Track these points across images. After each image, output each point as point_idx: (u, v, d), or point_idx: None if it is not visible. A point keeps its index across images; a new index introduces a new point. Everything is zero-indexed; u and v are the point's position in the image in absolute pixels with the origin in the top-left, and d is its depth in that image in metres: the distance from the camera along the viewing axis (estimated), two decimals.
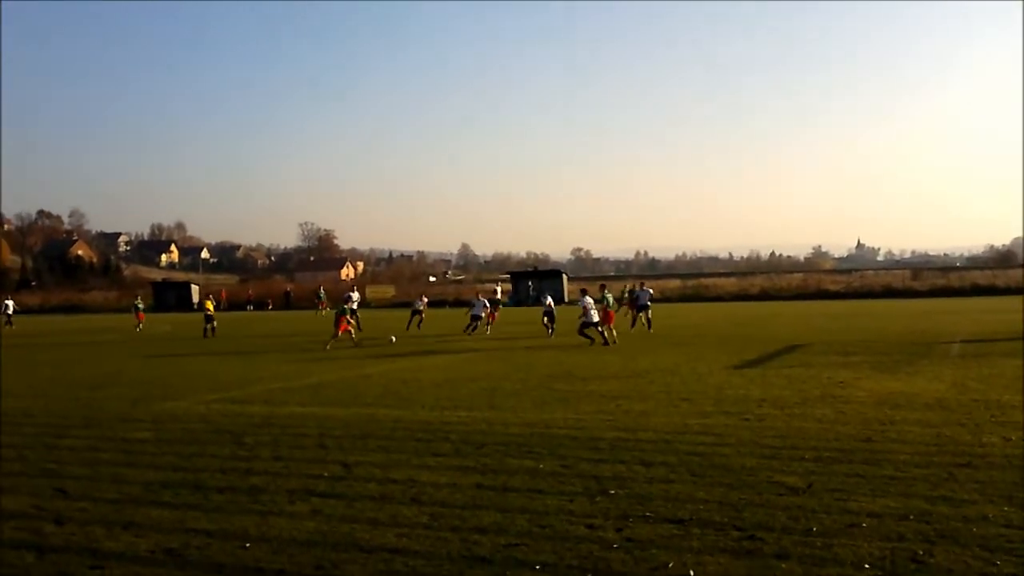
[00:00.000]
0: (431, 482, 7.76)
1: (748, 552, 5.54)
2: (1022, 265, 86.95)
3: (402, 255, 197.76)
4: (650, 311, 29.76)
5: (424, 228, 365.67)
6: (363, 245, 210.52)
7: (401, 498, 7.21)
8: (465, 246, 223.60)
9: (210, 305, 34.89)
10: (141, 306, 43.02)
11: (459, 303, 61.21)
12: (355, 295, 34.44)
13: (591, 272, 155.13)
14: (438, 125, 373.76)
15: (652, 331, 28.54)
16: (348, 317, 26.48)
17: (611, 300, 26.25)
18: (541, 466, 8.32)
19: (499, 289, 52.55)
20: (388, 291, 75.68)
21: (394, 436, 10.25)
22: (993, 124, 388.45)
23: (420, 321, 33.87)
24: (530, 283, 65.14)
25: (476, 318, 29.96)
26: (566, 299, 59.75)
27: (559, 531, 6.13)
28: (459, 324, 32.22)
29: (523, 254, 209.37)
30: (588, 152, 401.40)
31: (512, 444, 9.48)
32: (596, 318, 24.08)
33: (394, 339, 27.20)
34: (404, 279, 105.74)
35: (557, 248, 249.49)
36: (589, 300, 24.67)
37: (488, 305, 30.78)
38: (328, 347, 24.75)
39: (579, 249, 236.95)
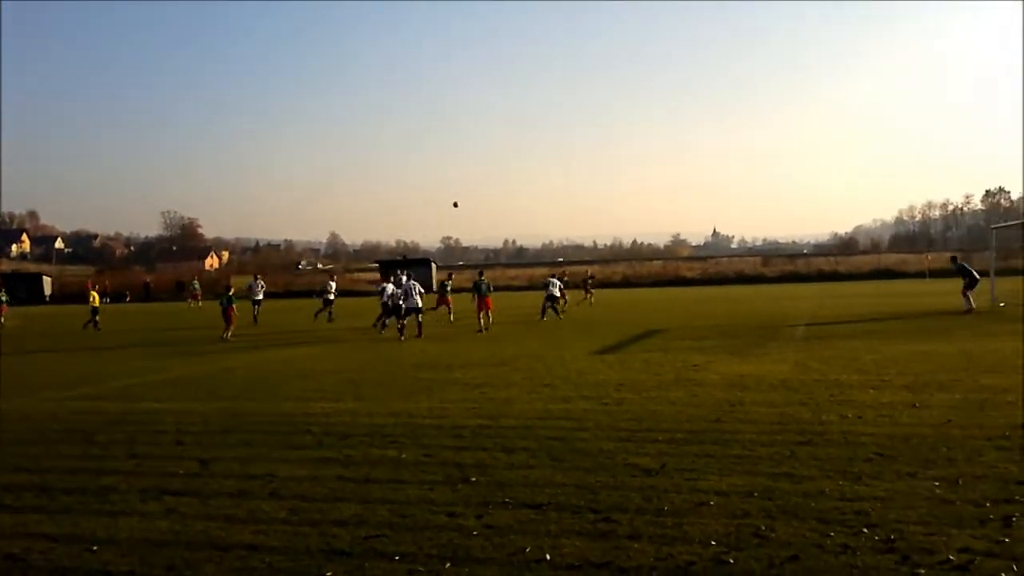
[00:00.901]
0: (291, 476, 7.66)
1: (603, 534, 5.72)
2: (862, 252, 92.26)
3: (269, 244, 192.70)
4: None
5: (291, 217, 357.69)
6: (229, 234, 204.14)
7: (259, 493, 7.09)
8: (334, 235, 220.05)
9: (95, 297, 33.08)
10: (4, 299, 39.21)
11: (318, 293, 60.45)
12: (333, 284, 34.13)
13: (461, 260, 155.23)
14: (303, 112, 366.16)
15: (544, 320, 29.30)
16: (234, 307, 25.75)
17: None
18: (404, 456, 8.34)
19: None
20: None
21: (255, 430, 10.04)
22: (837, 121, 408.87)
23: (330, 313, 32.42)
24: (399, 272, 64.59)
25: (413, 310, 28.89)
26: (434, 288, 59.88)
27: (420, 520, 6.17)
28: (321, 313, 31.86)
29: (392, 243, 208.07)
30: (457, 142, 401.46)
31: (376, 435, 9.45)
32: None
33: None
34: (271, 268, 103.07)
35: (427, 237, 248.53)
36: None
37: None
38: (228, 336, 24.53)
39: (448, 238, 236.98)
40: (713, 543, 5.45)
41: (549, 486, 6.99)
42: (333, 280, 35.89)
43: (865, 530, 5.57)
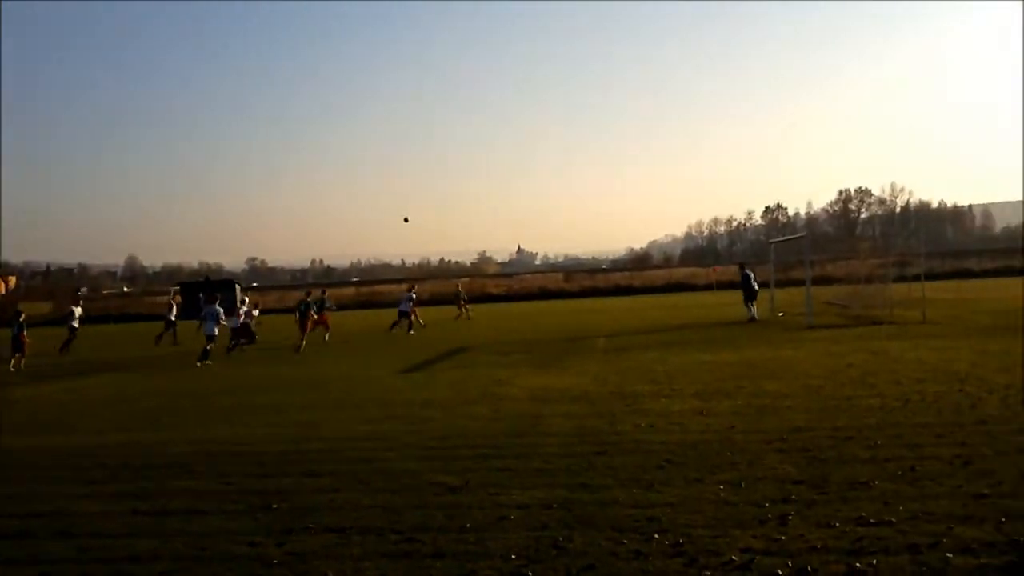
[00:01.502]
0: (82, 512, 7.26)
1: (406, 554, 5.77)
2: (655, 266, 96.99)
3: (61, 268, 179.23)
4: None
5: (86, 239, 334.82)
6: (16, 258, 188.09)
7: (44, 533, 6.67)
8: (132, 257, 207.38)
9: None
10: None
11: (127, 318, 57.24)
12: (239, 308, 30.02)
13: (267, 281, 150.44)
14: (98, 127, 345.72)
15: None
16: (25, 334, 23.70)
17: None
18: (203, 486, 8.07)
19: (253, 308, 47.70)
20: (43, 307, 68.28)
21: (41, 466, 9.42)
22: (633, 143, 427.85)
23: (248, 342, 27.81)
24: (201, 295, 61.91)
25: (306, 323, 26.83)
26: (239, 310, 57.88)
27: (219, 552, 6.00)
28: (126, 340, 30.05)
29: (195, 264, 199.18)
30: (261, 158, 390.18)
31: (174, 465, 9.08)
32: None
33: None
34: (61, 294, 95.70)
35: (231, 258, 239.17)
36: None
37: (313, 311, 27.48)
38: (18, 366, 22.53)
39: (254, 258, 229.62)
40: (513, 556, 5.60)
41: (354, 509, 6.96)
42: (78, 306, 31.83)
43: (656, 535, 5.90)
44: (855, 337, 20.23)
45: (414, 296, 31.49)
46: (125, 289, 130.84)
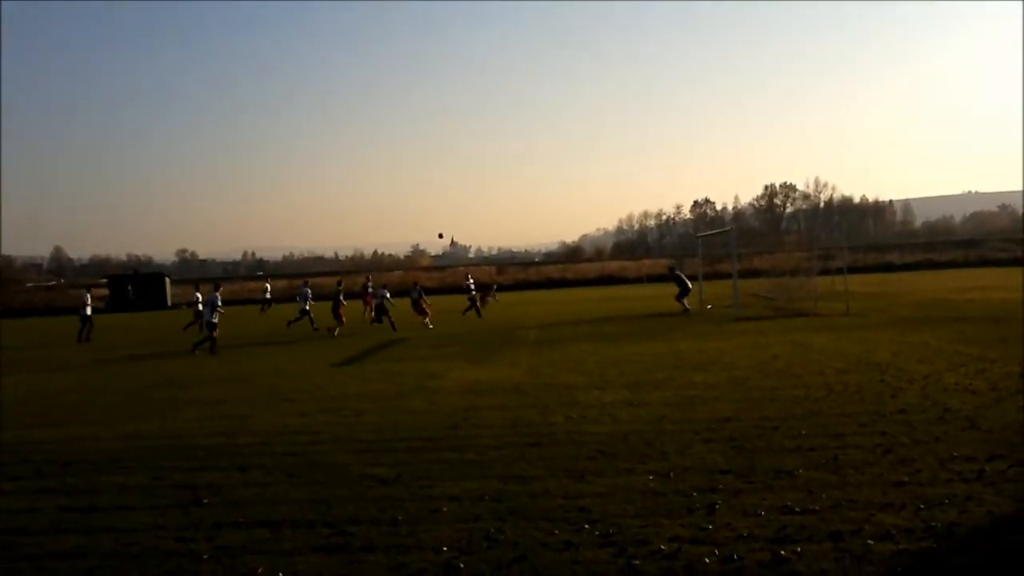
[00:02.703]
0: (6, 508, 7.08)
1: (338, 547, 5.75)
2: (588, 259, 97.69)
3: None
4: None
5: (9, 228, 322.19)
6: None
7: None
8: (58, 248, 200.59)
9: None
10: None
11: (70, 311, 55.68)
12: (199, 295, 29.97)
13: (197, 274, 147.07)
14: (26, 113, 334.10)
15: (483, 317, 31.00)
16: None
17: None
18: (132, 481, 7.92)
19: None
20: None
21: None
22: (565, 138, 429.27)
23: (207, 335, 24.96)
24: (130, 287, 60.53)
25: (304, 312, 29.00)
26: (169, 303, 57.31)
27: (148, 547, 5.90)
28: (56, 334, 29.21)
29: (124, 256, 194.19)
30: (186, 147, 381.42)
31: (103, 460, 8.89)
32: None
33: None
34: None
35: (161, 250, 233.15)
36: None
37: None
38: None
39: (184, 250, 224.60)
40: (445, 549, 5.63)
41: (284, 503, 6.91)
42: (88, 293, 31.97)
43: (587, 526, 5.98)
44: (781, 329, 20.69)
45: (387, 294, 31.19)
46: (52, 283, 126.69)
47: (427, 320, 28.04)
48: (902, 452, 7.69)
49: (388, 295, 29.53)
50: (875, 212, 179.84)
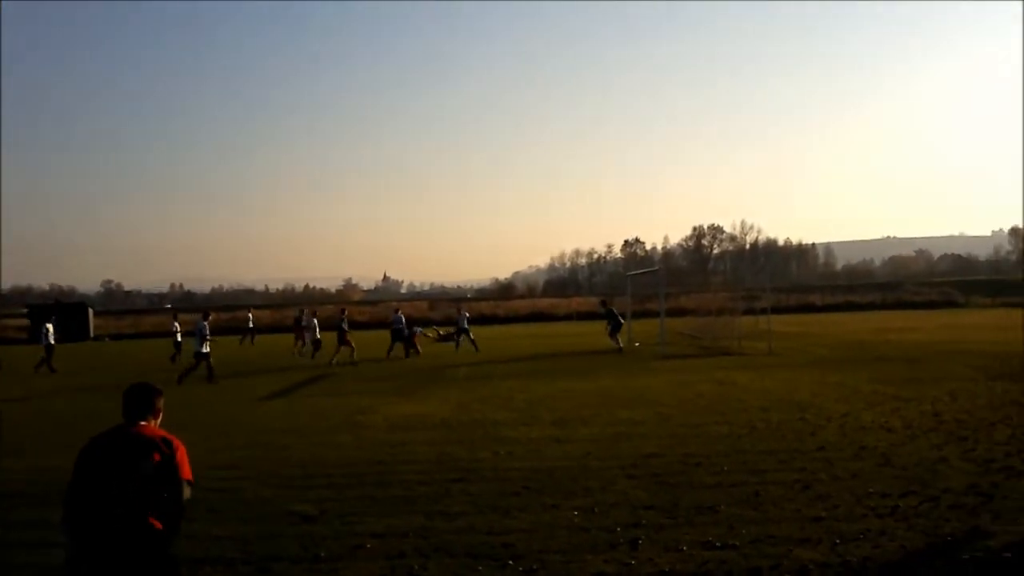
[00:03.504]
0: None
1: None
2: (519, 296, 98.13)
3: None
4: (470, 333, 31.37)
5: None
6: None
7: None
8: None
9: None
10: None
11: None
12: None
13: (122, 306, 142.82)
14: None
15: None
16: None
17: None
18: (50, 516, 7.61)
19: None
20: None
21: None
22: (497, 175, 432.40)
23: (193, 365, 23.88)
24: (53, 318, 58.65)
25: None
26: (92, 334, 55.85)
27: None
28: None
29: (46, 286, 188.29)
30: (118, 179, 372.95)
31: (17, 495, 8.64)
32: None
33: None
34: None
35: (85, 279, 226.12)
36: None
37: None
38: None
39: (109, 281, 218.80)
40: None
41: (205, 539, 6.77)
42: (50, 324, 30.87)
43: (511, 561, 5.99)
44: (706, 367, 21.03)
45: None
46: None
47: (351, 353, 27.48)
48: (820, 488, 7.88)
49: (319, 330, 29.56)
50: (798, 255, 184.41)
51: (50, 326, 29.80)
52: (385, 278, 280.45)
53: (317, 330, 30.43)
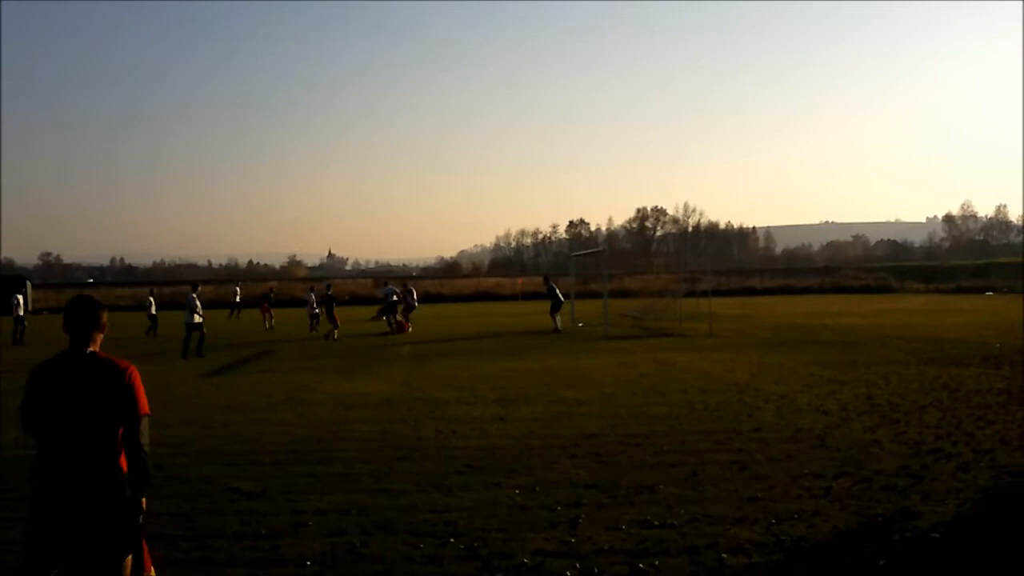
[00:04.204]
0: None
1: (198, 561, 5.63)
2: (465, 275, 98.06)
3: None
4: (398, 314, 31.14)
5: None
6: None
7: None
8: None
9: None
10: None
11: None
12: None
13: (61, 279, 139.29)
14: None
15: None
16: None
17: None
18: None
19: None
20: None
21: None
22: (445, 153, 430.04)
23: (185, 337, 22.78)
24: (23, 290, 57.05)
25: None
26: (30, 307, 54.48)
27: None
28: None
29: None
30: (58, 150, 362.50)
31: None
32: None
33: None
34: None
35: (23, 253, 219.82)
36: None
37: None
38: None
39: (48, 254, 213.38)
40: (308, 563, 5.59)
41: (146, 516, 6.68)
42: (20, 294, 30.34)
43: (452, 540, 6.03)
44: (647, 348, 21.29)
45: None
46: None
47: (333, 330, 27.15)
48: (757, 469, 8.05)
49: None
50: (739, 238, 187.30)
51: (20, 297, 29.27)
52: (330, 255, 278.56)
53: (314, 304, 30.23)
